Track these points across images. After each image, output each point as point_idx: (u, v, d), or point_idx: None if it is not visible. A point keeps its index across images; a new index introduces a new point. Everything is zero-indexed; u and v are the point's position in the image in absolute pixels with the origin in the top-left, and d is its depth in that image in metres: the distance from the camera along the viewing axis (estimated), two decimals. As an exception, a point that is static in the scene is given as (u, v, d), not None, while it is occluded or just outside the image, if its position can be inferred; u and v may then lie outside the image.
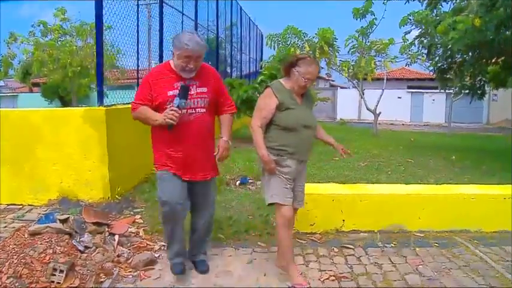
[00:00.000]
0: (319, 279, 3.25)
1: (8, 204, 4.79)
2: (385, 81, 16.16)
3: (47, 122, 4.72)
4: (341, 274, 3.33)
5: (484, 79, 10.98)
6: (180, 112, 2.87)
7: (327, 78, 31.94)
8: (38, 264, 3.08)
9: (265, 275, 3.28)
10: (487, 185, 5.04)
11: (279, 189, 3.07)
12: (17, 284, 2.92)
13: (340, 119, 25.06)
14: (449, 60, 9.57)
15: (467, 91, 11.11)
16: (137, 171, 5.35)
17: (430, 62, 9.91)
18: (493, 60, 9.94)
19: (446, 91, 11.92)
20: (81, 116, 4.65)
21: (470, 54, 9.49)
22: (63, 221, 3.55)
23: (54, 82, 19.00)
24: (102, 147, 4.62)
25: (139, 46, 7.10)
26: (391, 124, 25.27)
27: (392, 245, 3.99)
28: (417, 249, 3.92)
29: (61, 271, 3.03)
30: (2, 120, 4.69)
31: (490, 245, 4.07)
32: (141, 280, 3.19)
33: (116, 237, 3.64)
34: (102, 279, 3.12)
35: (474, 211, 4.38)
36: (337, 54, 13.38)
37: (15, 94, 24.28)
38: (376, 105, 14.75)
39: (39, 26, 16.86)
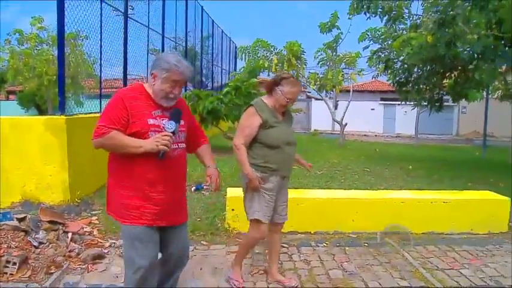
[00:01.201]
0: (249, 273, 3.63)
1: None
2: (351, 93, 16.80)
3: (11, 129, 5.04)
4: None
5: (442, 92, 11.62)
6: (173, 139, 2.48)
7: (303, 89, 32.56)
8: (-6, 257, 3.40)
9: (201, 269, 3.65)
10: (419, 190, 5.52)
11: (261, 207, 3.20)
12: (-28, 276, 3.24)
13: (314, 130, 25.59)
14: (406, 73, 10.14)
15: (425, 103, 11.69)
16: (98, 177, 5.64)
17: (389, 76, 10.46)
18: (447, 74, 10.57)
19: (407, 103, 12.45)
20: (43, 124, 4.99)
21: (425, 68, 10.07)
22: (21, 220, 3.88)
23: (30, 90, 19.11)
24: (62, 153, 4.95)
25: (116, 56, 7.51)
26: (364, 135, 25.96)
27: (325, 244, 4.40)
28: (347, 248, 4.34)
29: (14, 263, 3.35)
30: (-31, 128, 5.01)
31: (416, 245, 4.50)
32: (88, 272, 3.53)
33: (69, 234, 3.97)
34: (52, 271, 3.44)
35: (404, 214, 4.82)
36: (304, 66, 13.86)
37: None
38: (343, 117, 15.29)
39: (15, 34, 17.05)
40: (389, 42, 9.89)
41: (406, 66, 9.96)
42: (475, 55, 8.60)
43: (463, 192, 5.39)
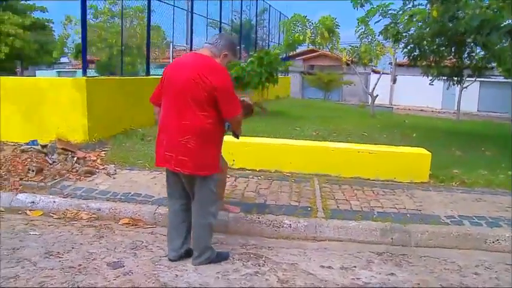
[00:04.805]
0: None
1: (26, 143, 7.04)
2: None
3: (50, 86, 6.91)
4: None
5: (463, 66, 12.11)
6: None
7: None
8: (22, 166, 5.25)
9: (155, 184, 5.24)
10: (354, 143, 6.66)
11: None
12: (7, 174, 5.08)
13: (364, 102, 26.04)
14: (416, 48, 10.79)
15: (444, 78, 12.26)
16: (114, 125, 7.41)
17: (405, 50, 11.10)
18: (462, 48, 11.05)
19: (429, 77, 12.92)
20: (70, 83, 6.80)
21: (435, 42, 10.68)
22: (43, 146, 5.71)
23: (105, 59, 21.66)
24: (83, 105, 6.73)
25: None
26: (421, 110, 25.99)
27: (258, 178, 5.77)
28: (275, 181, 5.67)
29: (33, 171, 5.15)
30: (19, 85, 6.96)
31: (333, 184, 5.69)
32: (80, 181, 5.25)
33: (75, 158, 5.72)
34: (56, 178, 5.20)
35: (333, 160, 6.01)
36: (339, 39, 14.74)
37: (74, 70, 27.55)
38: (373, 89, 16.02)
39: (90, 9, 19.43)
40: (399, 17, 10.57)
41: (416, 40, 10.62)
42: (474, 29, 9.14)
43: (390, 146, 6.47)
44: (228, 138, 4.89)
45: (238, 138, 3.83)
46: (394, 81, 27.49)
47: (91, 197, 4.79)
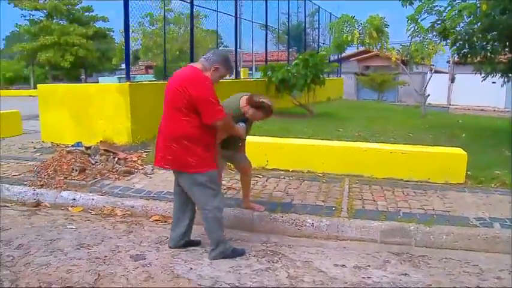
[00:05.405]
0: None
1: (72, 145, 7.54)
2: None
3: (96, 92, 7.40)
4: (235, 186, 5.36)
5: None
6: None
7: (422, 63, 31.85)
8: (67, 166, 5.67)
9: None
10: (384, 143, 6.57)
11: None
12: (54, 174, 5.52)
13: (419, 103, 25.21)
14: (466, 44, 10.37)
15: (499, 73, 11.72)
16: (157, 127, 7.74)
17: (453, 47, 10.71)
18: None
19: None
20: (115, 88, 7.24)
21: (485, 37, 10.24)
22: (87, 148, 6.13)
23: (161, 65, 22.60)
24: (126, 109, 7.15)
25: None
26: (481, 110, 24.80)
27: (290, 178, 5.86)
28: (305, 181, 5.74)
29: (76, 170, 5.57)
30: (70, 91, 7.50)
31: (364, 184, 5.66)
32: (119, 180, 5.60)
33: (116, 159, 6.09)
34: (97, 178, 5.58)
35: (366, 161, 5.98)
36: (387, 39, 14.47)
37: (133, 75, 29.05)
38: (425, 88, 15.50)
39: (146, 17, 20.31)
40: (445, 14, 10.22)
41: (465, 36, 10.24)
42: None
43: (424, 146, 6.32)
44: (261, 139, 5.08)
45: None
46: (453, 80, 26.43)
47: (126, 195, 5.12)
